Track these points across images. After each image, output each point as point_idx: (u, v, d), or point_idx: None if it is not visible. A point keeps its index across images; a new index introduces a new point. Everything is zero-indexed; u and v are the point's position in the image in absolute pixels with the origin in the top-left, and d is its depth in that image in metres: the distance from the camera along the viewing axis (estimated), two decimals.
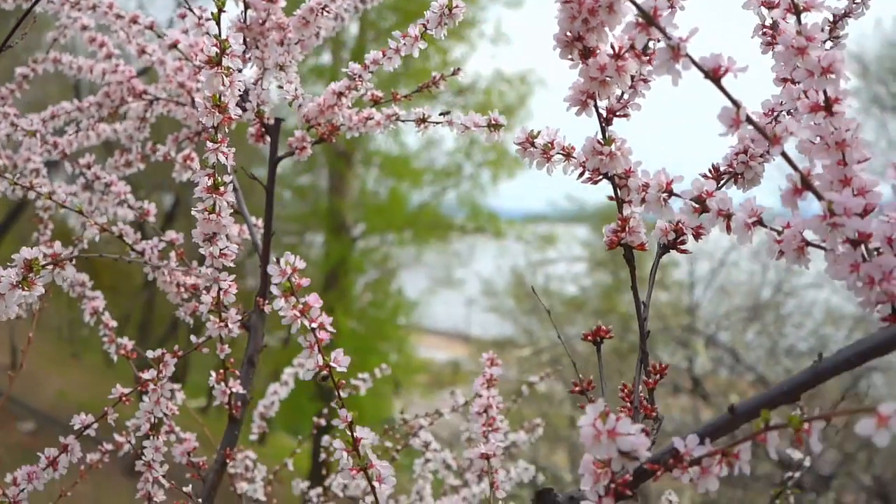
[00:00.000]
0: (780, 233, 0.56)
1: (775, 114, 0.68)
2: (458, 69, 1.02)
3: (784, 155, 0.51)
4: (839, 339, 6.59)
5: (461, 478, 1.41)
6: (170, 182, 0.96)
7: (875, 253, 0.52)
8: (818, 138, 0.54)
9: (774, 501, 1.06)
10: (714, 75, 0.51)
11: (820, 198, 0.51)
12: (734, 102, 0.51)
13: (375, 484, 0.65)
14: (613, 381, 7.03)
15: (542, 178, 0.69)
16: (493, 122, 0.83)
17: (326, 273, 11.07)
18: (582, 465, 0.54)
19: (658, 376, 0.66)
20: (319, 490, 1.39)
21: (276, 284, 0.61)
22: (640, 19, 0.51)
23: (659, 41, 0.54)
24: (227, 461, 0.99)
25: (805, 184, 0.52)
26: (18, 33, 0.77)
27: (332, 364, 0.63)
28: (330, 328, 0.63)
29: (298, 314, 0.61)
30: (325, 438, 1.10)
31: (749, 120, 0.51)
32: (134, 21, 1.10)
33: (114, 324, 1.11)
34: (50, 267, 0.69)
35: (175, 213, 11.83)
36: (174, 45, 1.05)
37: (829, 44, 0.71)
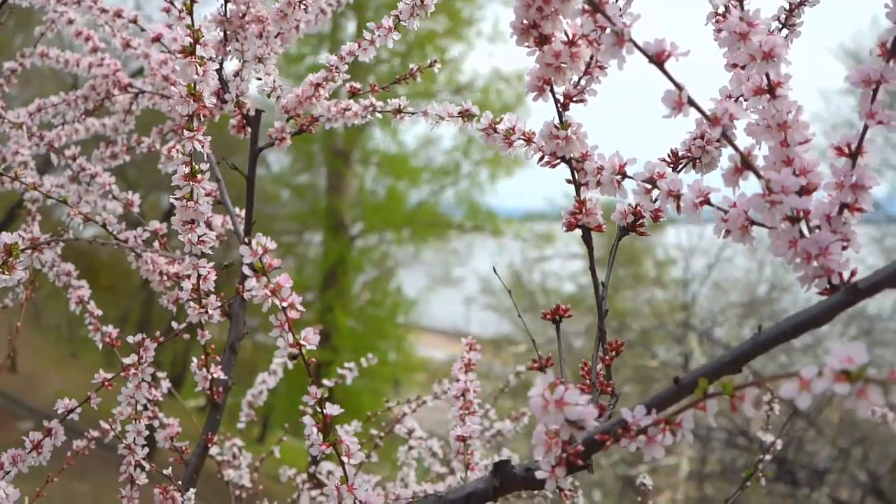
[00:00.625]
0: (726, 212, 0.58)
1: (732, 100, 0.70)
2: (436, 61, 1.04)
3: (725, 136, 0.54)
4: (834, 335, 6.62)
5: (448, 466, 1.44)
6: (167, 182, 0.99)
7: (816, 230, 0.55)
8: (763, 120, 0.57)
9: (745, 483, 1.08)
10: (658, 60, 0.53)
11: (759, 176, 0.53)
12: (677, 85, 0.53)
13: (344, 459, 0.67)
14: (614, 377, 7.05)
15: (541, 176, 0.72)
16: (465, 112, 0.85)
17: (325, 272, 11.09)
18: (534, 435, 0.57)
19: (614, 353, 0.68)
20: (304, 476, 1.41)
21: (247, 265, 0.63)
22: (587, 6, 0.53)
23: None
24: (209, 445, 1.01)
25: (745, 163, 0.54)
26: None
27: (301, 342, 0.65)
28: (300, 307, 0.65)
29: (269, 293, 0.64)
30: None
31: (691, 102, 0.53)
32: (118, 15, 1.12)
33: (99, 312, 1.13)
34: (29, 251, 0.71)
35: (173, 213, 11.82)
36: (157, 39, 1.07)
37: (784, 31, 0.73)
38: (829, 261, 0.52)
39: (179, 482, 0.96)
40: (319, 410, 0.67)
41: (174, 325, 0.96)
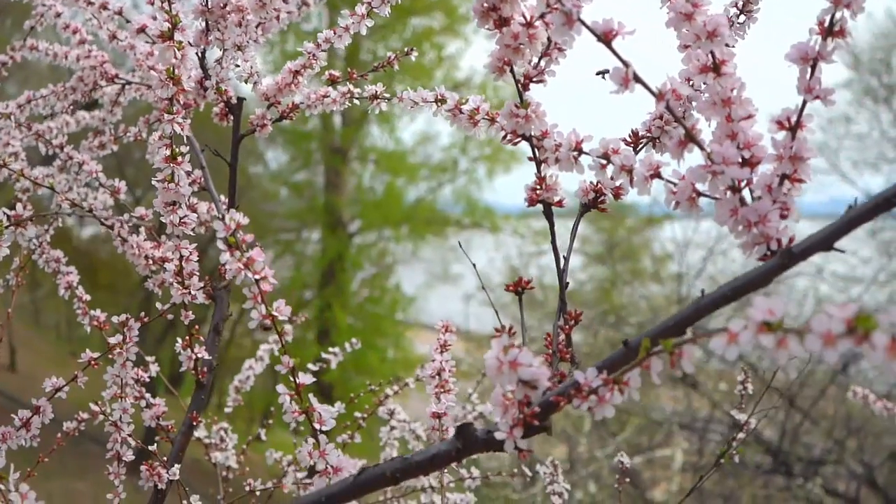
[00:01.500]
0: (675, 185, 0.61)
1: (691, 81, 0.73)
2: (412, 49, 1.07)
3: (669, 110, 0.57)
4: None
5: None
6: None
7: (759, 200, 0.58)
8: (709, 97, 0.59)
9: (719, 461, 1.11)
10: (606, 38, 0.56)
11: (702, 149, 0.56)
12: (624, 63, 0.56)
13: (316, 425, 0.70)
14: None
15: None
16: (439, 97, 0.88)
17: (323, 269, 11.12)
18: (492, 397, 0.59)
19: (574, 322, 0.71)
20: (290, 458, 1.44)
21: (220, 239, 0.66)
22: None
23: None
24: (194, 424, 1.04)
25: (689, 136, 0.57)
26: None
27: (274, 313, 0.68)
28: (273, 280, 0.68)
29: (243, 267, 0.67)
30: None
31: (637, 79, 0.56)
32: (104, 7, 1.15)
33: (87, 297, 1.16)
34: (12, 228, 0.74)
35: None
36: (142, 30, 1.10)
37: (742, 17, 0.76)
38: (767, 228, 0.55)
39: (165, 458, 0.99)
40: (293, 380, 0.70)
41: (158, 305, 0.99)
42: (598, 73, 0.61)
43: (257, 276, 0.67)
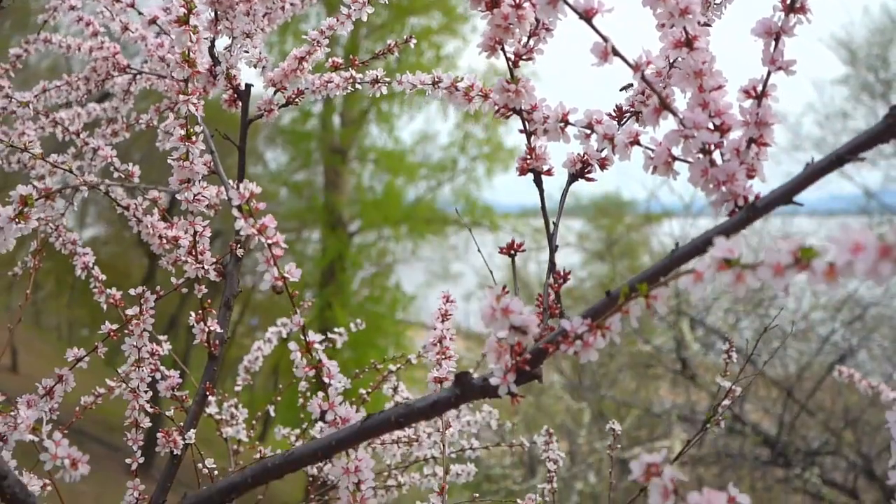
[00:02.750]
0: (653, 151, 0.66)
1: (670, 59, 0.78)
2: (411, 37, 1.12)
3: (645, 80, 0.62)
4: (825, 319, 6.72)
5: (431, 425, 1.52)
6: (166, 182, 1.07)
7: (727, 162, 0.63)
8: (682, 69, 0.65)
9: (705, 426, 1.16)
10: (587, 15, 0.62)
11: (675, 115, 0.62)
12: (603, 38, 0.62)
13: (326, 380, 0.75)
14: (609, 368, 7.15)
15: (543, 179, 0.79)
16: (436, 79, 0.93)
17: (324, 269, 11.17)
18: (486, 345, 0.65)
19: (563, 280, 0.76)
20: (297, 431, 1.50)
21: (235, 207, 0.71)
22: None
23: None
24: (207, 394, 1.09)
25: (663, 104, 0.62)
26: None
27: (286, 275, 0.74)
28: (283, 245, 0.73)
29: (256, 232, 0.72)
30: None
31: (615, 52, 0.62)
32: (116, 0, 1.21)
33: (103, 277, 1.21)
34: (42, 200, 0.79)
35: (171, 212, 11.93)
36: (153, 21, 1.15)
37: (719, 0, 0.82)
38: (735, 186, 0.61)
39: (181, 425, 1.04)
40: (303, 337, 0.75)
41: (173, 280, 1.05)
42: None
43: (269, 241, 0.73)
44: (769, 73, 0.63)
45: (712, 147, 0.62)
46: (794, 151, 8.90)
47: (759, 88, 0.63)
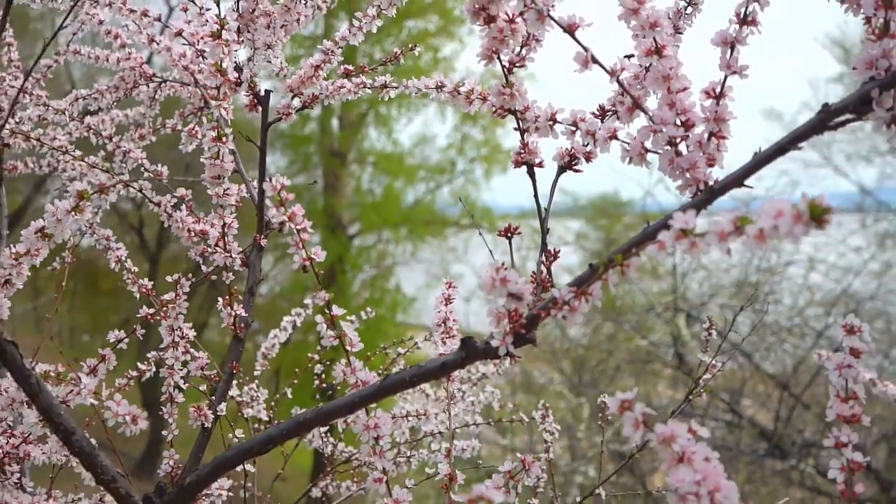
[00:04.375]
0: (629, 144, 0.77)
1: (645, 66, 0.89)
2: (415, 45, 1.23)
3: (619, 83, 0.73)
4: (819, 314, 6.83)
5: (438, 405, 1.63)
6: (165, 188, 1.18)
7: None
8: (653, 74, 0.76)
9: (688, 397, 1.27)
10: (570, 30, 0.73)
11: (646, 113, 0.73)
12: (584, 48, 0.73)
13: (348, 348, 0.86)
14: (607, 365, 7.26)
15: (535, 171, 0.89)
16: (439, 84, 1.04)
17: (324, 271, 11.28)
18: (487, 312, 0.76)
19: (553, 258, 0.87)
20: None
21: (268, 197, 0.82)
22: None
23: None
24: (234, 372, 1.20)
25: (636, 104, 0.73)
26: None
27: (313, 256, 0.84)
28: (310, 230, 0.84)
29: (287, 219, 0.83)
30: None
31: (594, 60, 0.73)
32: (144, 14, 1.31)
33: (135, 269, 1.32)
34: (97, 194, 0.90)
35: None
36: (179, 34, 1.26)
37: (689, 9, 0.93)
38: (696, 173, 0.72)
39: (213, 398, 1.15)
40: (328, 311, 0.86)
41: (204, 268, 1.15)
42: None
43: (298, 227, 0.84)
44: (726, 77, 0.74)
45: (678, 140, 0.73)
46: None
47: (718, 90, 0.74)
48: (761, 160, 0.68)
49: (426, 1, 11.32)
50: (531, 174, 0.86)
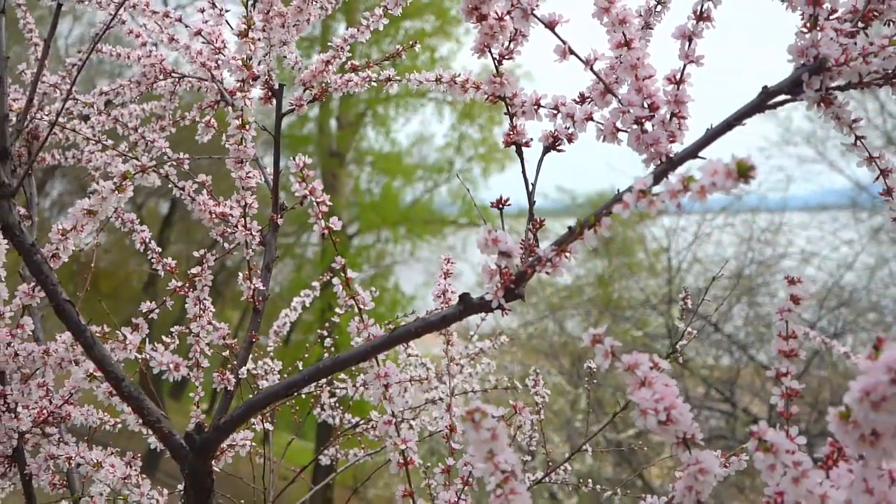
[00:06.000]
0: (602, 124, 0.89)
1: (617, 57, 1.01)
2: (415, 42, 1.36)
3: (592, 71, 0.85)
4: (814, 307, 6.96)
5: (439, 379, 1.75)
6: (163, 190, 1.29)
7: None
8: (621, 63, 0.88)
9: (667, 359, 1.38)
10: (551, 26, 0.85)
11: (616, 97, 0.85)
12: (562, 41, 0.85)
13: (361, 306, 0.98)
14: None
15: (533, 171, 1.01)
16: (438, 76, 1.16)
17: (323, 271, 11.38)
18: (481, 270, 0.88)
19: (539, 226, 0.99)
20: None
21: (292, 174, 0.94)
22: None
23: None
24: (253, 341, 1.32)
25: (607, 89, 0.85)
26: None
27: (331, 225, 0.96)
28: (328, 202, 0.96)
29: (308, 193, 0.95)
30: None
31: (571, 52, 0.85)
32: (166, 16, 1.43)
33: (159, 249, 1.44)
34: (140, 174, 1.02)
35: (172, 218, 12.18)
36: (198, 33, 1.38)
37: (658, 7, 1.05)
38: (659, 148, 0.84)
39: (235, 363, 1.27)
40: (343, 274, 0.98)
41: (225, 246, 1.27)
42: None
43: (318, 200, 0.96)
44: (685, 66, 0.86)
45: (644, 120, 0.85)
46: (785, 146, 9.15)
47: (678, 77, 0.86)
48: (711, 135, 0.80)
49: (423, 1, 11.44)
50: (519, 153, 0.98)
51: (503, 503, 0.72)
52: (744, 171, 0.61)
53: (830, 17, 0.80)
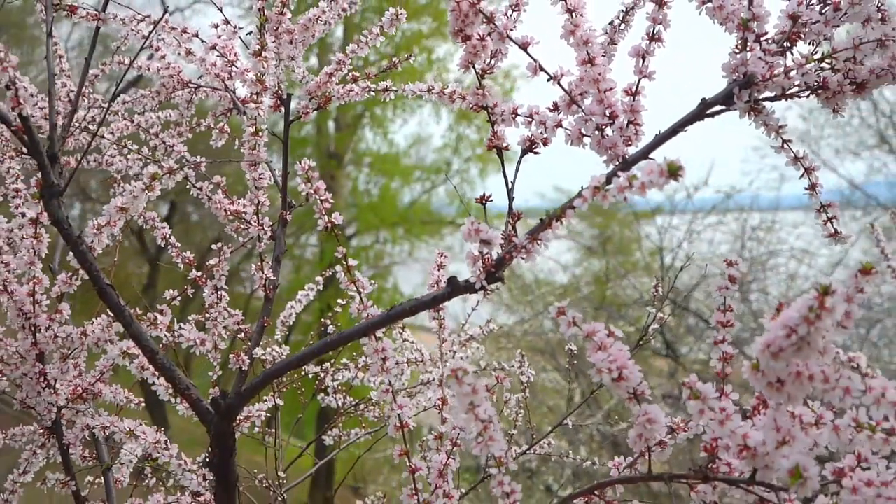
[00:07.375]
0: (569, 131, 1.04)
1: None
2: (410, 55, 1.50)
3: (559, 84, 1.00)
4: None
5: (434, 365, 1.89)
6: (166, 192, 1.43)
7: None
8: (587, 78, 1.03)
9: (639, 343, 1.53)
10: (523, 46, 0.99)
11: (580, 107, 0.99)
12: (533, 59, 0.99)
13: (360, 290, 1.12)
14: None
15: (531, 171, 1.15)
16: (430, 87, 1.31)
17: (322, 272, 11.51)
18: (465, 255, 1.02)
19: (518, 217, 1.14)
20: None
21: (298, 175, 1.08)
22: (485, 19, 0.99)
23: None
24: (265, 325, 1.46)
25: (572, 100, 1.00)
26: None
27: (333, 220, 1.11)
28: (330, 200, 1.10)
29: (313, 192, 1.09)
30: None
31: (541, 68, 0.99)
32: (184, 31, 1.58)
33: (178, 244, 1.58)
34: (167, 175, 1.16)
35: (171, 220, 12.33)
36: (213, 47, 1.52)
37: (622, 25, 1.19)
38: (617, 150, 0.98)
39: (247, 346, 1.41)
40: (345, 263, 1.13)
41: (236, 236, 1.42)
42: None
43: (322, 198, 1.10)
44: (639, 80, 1.00)
45: (604, 126, 0.99)
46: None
47: (634, 89, 1.00)
48: (659, 140, 0.94)
49: (420, 3, 11.57)
50: (500, 155, 1.13)
51: (483, 449, 0.87)
52: (673, 171, 0.76)
53: (762, 38, 0.95)
